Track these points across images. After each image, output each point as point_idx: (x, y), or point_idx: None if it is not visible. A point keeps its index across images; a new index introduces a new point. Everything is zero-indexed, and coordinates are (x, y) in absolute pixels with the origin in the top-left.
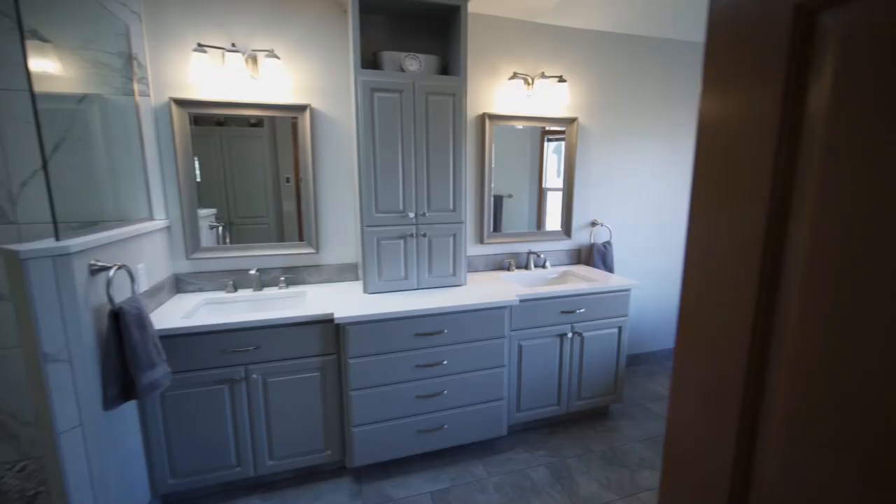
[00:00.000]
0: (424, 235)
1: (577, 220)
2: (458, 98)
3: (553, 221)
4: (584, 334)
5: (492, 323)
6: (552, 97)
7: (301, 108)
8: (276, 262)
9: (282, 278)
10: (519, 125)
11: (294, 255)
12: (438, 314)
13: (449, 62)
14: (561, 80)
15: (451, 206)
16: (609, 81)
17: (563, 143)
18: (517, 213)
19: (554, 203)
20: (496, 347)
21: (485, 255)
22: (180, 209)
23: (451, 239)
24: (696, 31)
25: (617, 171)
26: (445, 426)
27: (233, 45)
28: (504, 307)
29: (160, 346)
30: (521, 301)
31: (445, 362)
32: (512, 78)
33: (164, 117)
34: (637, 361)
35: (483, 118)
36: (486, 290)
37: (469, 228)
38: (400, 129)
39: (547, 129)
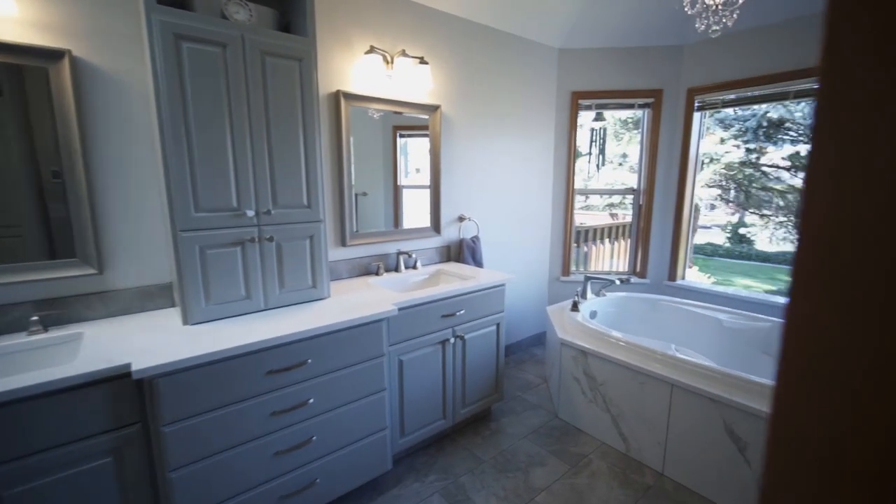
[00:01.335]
0: (271, 239)
1: (446, 215)
2: (306, 65)
3: (411, 220)
4: (466, 337)
5: (368, 341)
6: (414, 79)
7: (52, 56)
8: (22, 293)
9: (34, 318)
10: (379, 108)
11: (59, 279)
12: (298, 340)
13: (291, 21)
14: (423, 61)
15: (306, 202)
16: (470, 71)
17: (409, 141)
18: (373, 212)
19: (410, 201)
20: (375, 369)
21: (348, 260)
22: None
23: (308, 242)
24: (549, 35)
25: (480, 164)
26: (318, 480)
27: None
28: (381, 319)
29: None
30: (400, 309)
31: (312, 401)
32: (369, 52)
33: None
34: (505, 353)
35: (338, 97)
36: (356, 300)
37: (328, 229)
38: (227, 98)
39: (404, 114)
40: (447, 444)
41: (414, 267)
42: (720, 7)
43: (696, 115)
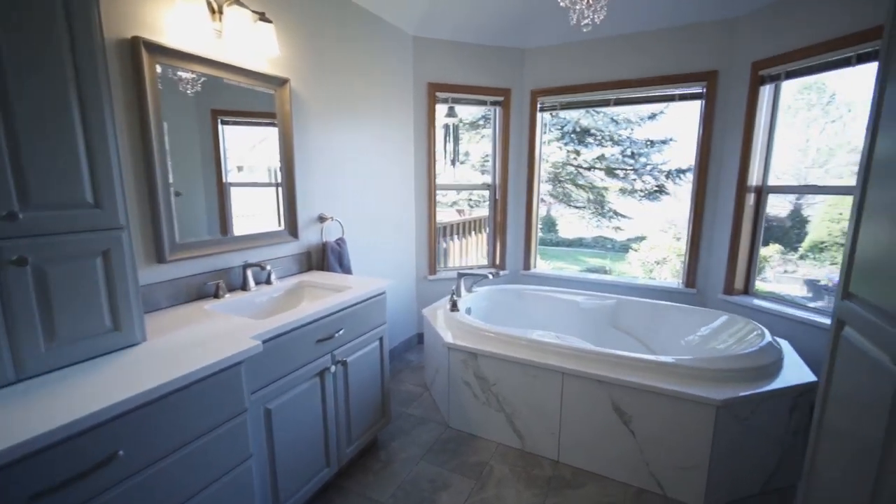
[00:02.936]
0: (23, 262)
1: (303, 215)
2: None
3: (251, 224)
4: (349, 360)
5: (219, 397)
6: (253, 40)
7: None
8: None
9: None
10: (203, 72)
11: None
12: (94, 427)
13: None
14: (264, 18)
15: (91, 199)
16: (324, 45)
17: (234, 130)
18: (192, 217)
19: (243, 202)
20: (234, 433)
21: (171, 281)
22: None
23: (100, 261)
24: (402, 19)
25: (340, 155)
26: None
27: None
28: (237, 363)
29: None
30: (264, 342)
31: None
32: None
33: None
34: None
35: (136, 47)
36: (191, 338)
37: (136, 240)
38: None
39: (235, 84)
40: (334, 496)
41: (268, 282)
42: (590, 1)
43: (539, 116)
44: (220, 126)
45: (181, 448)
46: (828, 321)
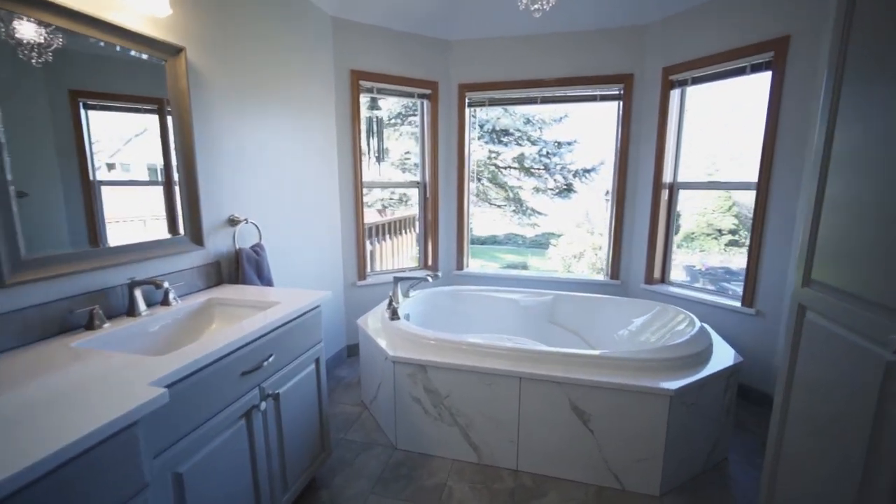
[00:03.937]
0: None
1: (209, 217)
2: None
3: (130, 232)
4: (280, 392)
5: (105, 475)
6: None
7: None
8: None
9: None
10: (56, 27)
11: None
12: None
13: None
14: None
15: None
16: (229, 10)
17: (104, 115)
18: (46, 223)
19: (117, 205)
20: None
21: (16, 312)
22: None
23: None
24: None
25: (251, 146)
26: None
27: None
28: (131, 424)
29: None
30: (170, 386)
31: None
32: None
33: None
34: None
35: None
36: (53, 393)
37: None
38: None
39: (109, 45)
40: None
41: (165, 302)
42: None
43: (468, 111)
44: (82, 111)
45: None
46: (732, 303)
